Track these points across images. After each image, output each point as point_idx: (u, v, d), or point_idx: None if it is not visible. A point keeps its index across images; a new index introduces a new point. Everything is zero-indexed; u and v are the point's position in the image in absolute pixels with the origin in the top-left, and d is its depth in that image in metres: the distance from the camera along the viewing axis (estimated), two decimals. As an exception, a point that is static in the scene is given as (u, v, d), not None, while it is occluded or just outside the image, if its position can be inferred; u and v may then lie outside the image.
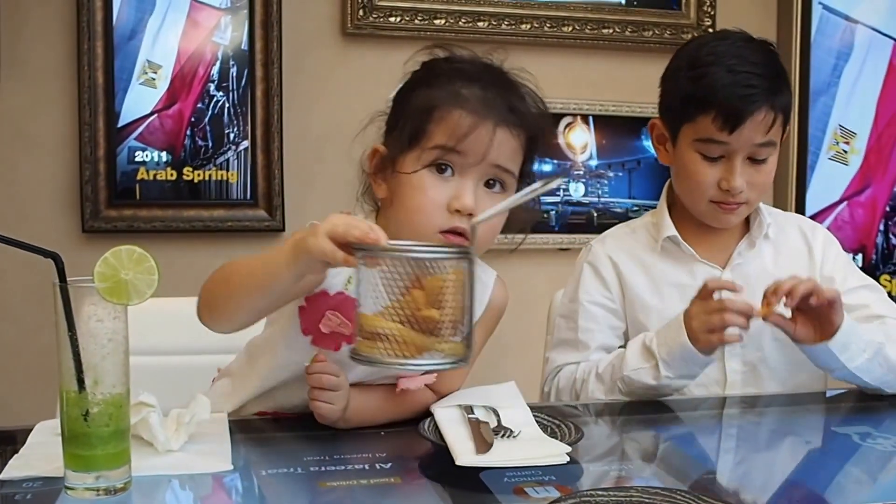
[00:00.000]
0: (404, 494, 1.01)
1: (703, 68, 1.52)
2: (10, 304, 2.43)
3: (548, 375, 1.68)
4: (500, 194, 1.26)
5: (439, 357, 0.97)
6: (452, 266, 0.97)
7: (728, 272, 1.62)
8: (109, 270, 0.95)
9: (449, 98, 1.24)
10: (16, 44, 2.40)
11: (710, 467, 1.22)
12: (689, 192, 1.60)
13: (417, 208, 1.24)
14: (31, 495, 0.97)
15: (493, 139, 1.22)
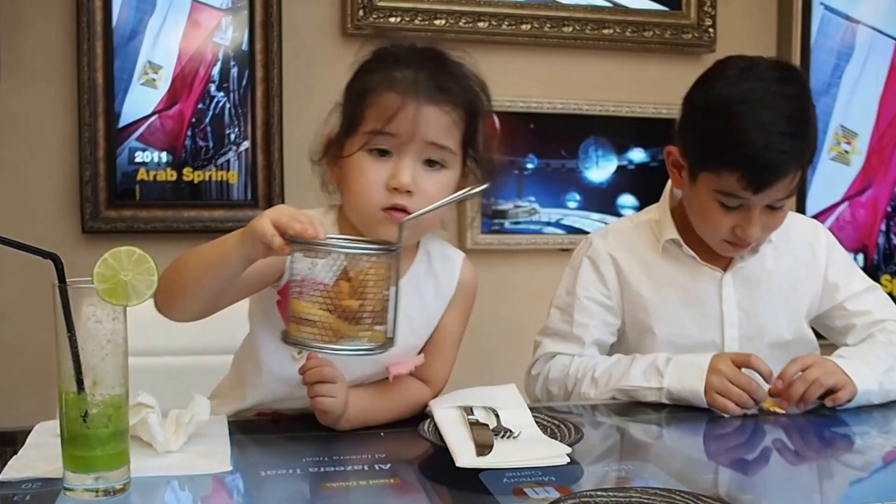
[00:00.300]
0: (403, 495, 1.01)
1: (735, 121, 1.43)
2: (9, 305, 2.42)
3: (537, 358, 1.68)
4: (441, 171, 1.30)
5: (361, 343, 1.05)
6: (375, 261, 1.05)
7: (729, 275, 1.62)
8: (109, 271, 0.94)
9: (381, 82, 1.29)
10: (16, 44, 2.40)
11: (709, 468, 1.21)
12: (702, 229, 1.57)
13: (360, 190, 1.29)
14: (30, 496, 0.98)
15: (419, 117, 1.26)
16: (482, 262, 2.71)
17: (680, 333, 1.61)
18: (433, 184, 1.29)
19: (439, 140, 1.28)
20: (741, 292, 1.62)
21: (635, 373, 1.51)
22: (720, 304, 1.61)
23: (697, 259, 1.62)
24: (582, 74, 2.73)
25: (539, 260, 2.74)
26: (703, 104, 1.52)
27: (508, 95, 2.63)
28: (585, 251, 1.69)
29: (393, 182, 1.27)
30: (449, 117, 1.29)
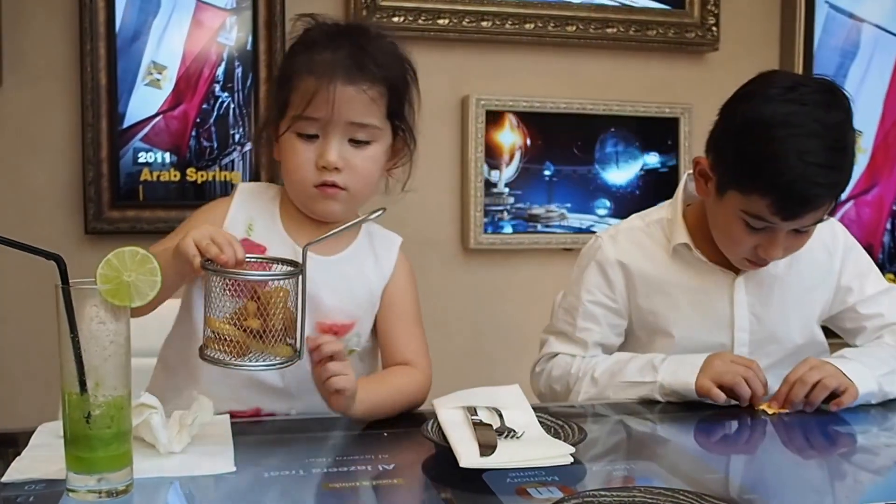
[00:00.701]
0: (407, 496, 1.01)
1: (772, 145, 1.38)
2: (10, 306, 2.43)
3: (541, 356, 1.70)
4: (368, 146, 1.37)
5: (270, 359, 1.14)
6: (281, 284, 1.14)
7: (741, 278, 1.61)
8: (112, 272, 0.94)
9: (301, 66, 1.35)
10: (19, 45, 2.40)
11: (713, 467, 1.21)
12: (723, 244, 1.55)
13: (292, 169, 1.37)
14: (33, 498, 0.98)
15: (336, 99, 1.31)
16: (484, 261, 2.72)
17: (689, 336, 1.60)
18: (360, 159, 1.36)
19: (360, 119, 1.34)
20: (753, 295, 1.61)
21: (631, 369, 1.52)
22: (731, 308, 1.60)
23: (708, 263, 1.60)
24: (585, 73, 2.72)
25: (542, 259, 2.74)
26: (741, 121, 1.45)
27: (511, 95, 2.63)
28: (594, 254, 1.67)
29: (321, 161, 1.34)
30: (367, 95, 1.33)
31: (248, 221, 1.41)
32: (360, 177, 1.37)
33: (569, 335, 1.66)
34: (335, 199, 1.37)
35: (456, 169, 2.67)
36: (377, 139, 1.38)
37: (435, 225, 2.67)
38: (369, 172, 1.39)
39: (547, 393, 1.66)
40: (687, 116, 2.72)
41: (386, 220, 2.57)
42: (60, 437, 1.09)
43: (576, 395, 1.58)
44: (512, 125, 2.64)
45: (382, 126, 1.37)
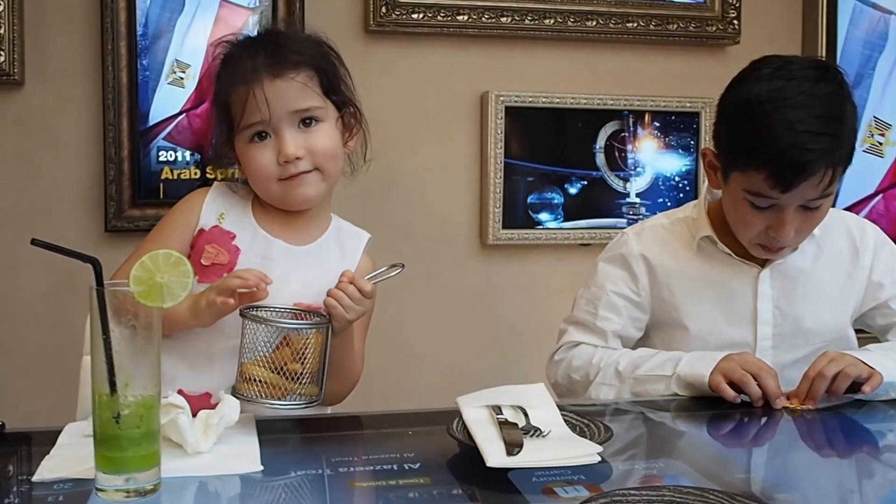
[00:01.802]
0: (434, 495, 1.01)
1: (762, 120, 1.42)
2: (27, 305, 2.44)
3: (561, 345, 1.69)
4: (318, 126, 1.42)
5: (299, 399, 1.25)
6: (313, 332, 1.26)
7: (767, 272, 1.60)
8: (145, 274, 0.95)
9: (230, 81, 1.42)
10: (40, 44, 2.42)
11: (741, 466, 1.21)
12: (737, 230, 1.56)
13: (256, 175, 1.43)
14: (62, 497, 0.98)
15: (270, 95, 1.37)
16: (503, 257, 2.72)
17: (711, 331, 1.60)
18: (316, 140, 1.41)
19: (299, 104, 1.40)
20: (778, 289, 1.60)
21: (654, 362, 1.52)
22: (754, 301, 1.60)
23: (733, 256, 1.60)
24: (605, 68, 2.71)
25: (560, 255, 2.73)
26: (733, 104, 1.51)
27: (531, 91, 2.62)
28: (619, 248, 1.69)
29: (281, 158, 1.40)
30: (296, 81, 1.39)
31: (219, 211, 1.47)
32: (322, 154, 1.42)
33: (589, 325, 1.66)
34: (306, 183, 1.43)
35: (475, 165, 2.67)
36: (324, 117, 1.43)
37: (453, 221, 2.67)
38: (328, 147, 1.43)
39: (564, 383, 1.65)
40: (708, 111, 2.70)
41: (405, 217, 2.60)
42: (87, 436, 1.10)
43: (597, 386, 1.57)
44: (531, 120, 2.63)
45: (323, 104, 1.43)
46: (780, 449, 1.30)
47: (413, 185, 2.63)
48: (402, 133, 2.61)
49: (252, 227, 1.46)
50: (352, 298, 1.30)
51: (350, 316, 1.31)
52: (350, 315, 1.31)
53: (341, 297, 1.29)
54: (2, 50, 2.34)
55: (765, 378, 1.40)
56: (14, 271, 2.43)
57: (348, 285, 1.30)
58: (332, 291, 1.30)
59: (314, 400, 1.26)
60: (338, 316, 1.30)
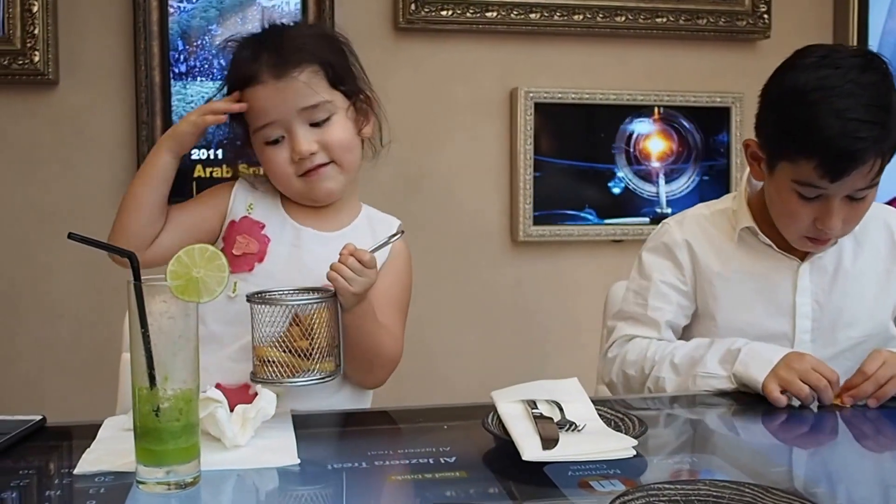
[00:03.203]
0: (470, 488, 1.01)
1: (810, 108, 1.41)
2: (64, 302, 2.47)
3: (613, 341, 1.68)
4: (330, 121, 1.42)
5: (316, 375, 1.25)
6: (319, 307, 1.25)
7: (806, 265, 1.59)
8: (182, 269, 0.96)
9: (239, 84, 1.43)
10: (74, 44, 2.45)
11: (777, 461, 1.20)
12: (783, 224, 1.55)
13: (276, 176, 1.45)
14: (103, 489, 0.99)
15: (278, 97, 1.39)
16: (534, 253, 2.72)
17: (749, 322, 1.59)
18: (329, 134, 1.42)
19: (307, 102, 1.40)
20: (817, 283, 1.59)
21: (712, 359, 1.50)
22: (794, 295, 1.59)
23: (774, 248, 1.60)
24: (635, 64, 2.71)
25: (591, 251, 2.73)
26: (779, 93, 1.50)
27: (560, 87, 2.62)
28: (662, 237, 1.69)
29: (295, 156, 1.41)
30: (302, 77, 1.40)
31: (248, 202, 1.49)
32: (339, 146, 1.43)
33: (639, 317, 1.65)
34: (325, 177, 1.44)
35: (505, 162, 2.67)
36: (334, 111, 1.43)
37: (484, 218, 2.68)
38: (344, 139, 1.44)
39: (618, 381, 1.64)
40: (738, 105, 2.69)
41: (436, 214, 2.61)
42: (126, 430, 1.12)
43: (654, 380, 1.55)
44: (560, 116, 2.63)
45: (331, 97, 1.43)
46: (819, 443, 1.29)
47: (443, 182, 2.64)
48: (432, 130, 2.62)
49: (281, 216, 1.48)
50: (353, 270, 1.28)
51: (354, 288, 1.29)
52: (354, 287, 1.29)
53: (342, 269, 1.28)
54: (37, 50, 2.38)
55: (823, 392, 1.37)
56: (50, 269, 2.46)
57: (348, 257, 1.29)
58: (333, 265, 1.29)
59: (331, 375, 1.25)
60: (341, 289, 1.28)
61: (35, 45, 2.38)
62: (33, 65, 2.38)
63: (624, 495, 0.92)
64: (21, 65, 2.38)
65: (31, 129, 2.45)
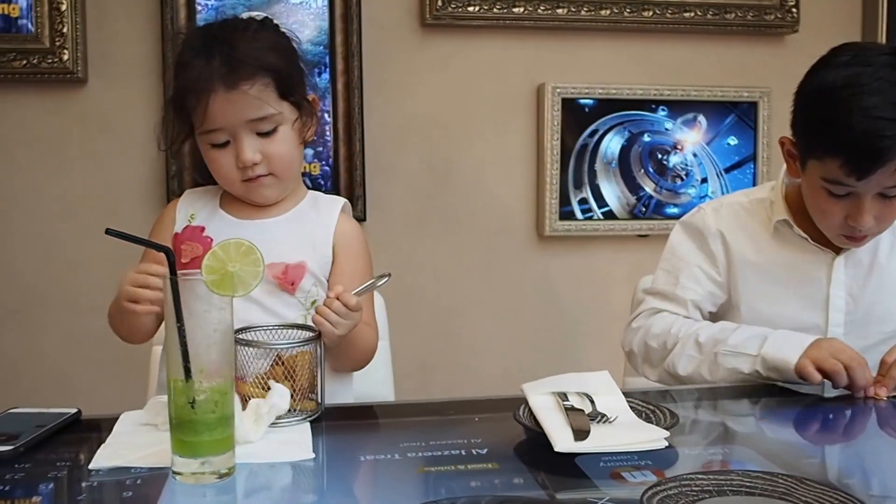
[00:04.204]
0: (503, 479, 1.02)
1: (837, 106, 1.41)
2: (93, 297, 2.49)
3: (640, 312, 1.69)
4: (277, 132, 1.45)
5: (297, 415, 1.22)
6: (301, 349, 1.24)
7: (841, 259, 1.59)
8: (217, 263, 0.97)
9: (185, 85, 1.42)
10: (102, 45, 2.47)
11: (809, 452, 1.20)
12: (818, 221, 1.55)
13: (217, 174, 1.49)
14: (140, 480, 1.01)
15: (227, 107, 1.39)
16: (559, 248, 2.72)
17: (781, 313, 1.59)
18: (273, 146, 1.45)
19: (255, 115, 1.42)
20: (851, 276, 1.59)
21: (737, 338, 1.51)
22: (828, 287, 1.59)
23: (809, 240, 1.59)
24: (662, 59, 2.69)
25: (618, 246, 2.72)
26: (810, 91, 1.49)
27: (587, 82, 2.62)
28: (697, 223, 1.69)
29: (238, 163, 1.44)
30: (253, 91, 1.40)
31: (189, 213, 1.54)
32: (279, 160, 1.46)
33: (669, 294, 1.66)
34: (265, 185, 1.48)
35: (531, 157, 2.67)
36: (282, 122, 1.45)
37: (509, 213, 2.68)
38: (286, 153, 1.47)
39: (639, 352, 1.65)
40: (766, 100, 2.67)
41: (462, 209, 2.61)
42: (143, 425, 1.15)
43: (676, 357, 1.56)
44: (587, 112, 2.63)
45: (280, 109, 1.45)
46: (851, 435, 1.29)
47: (470, 178, 2.64)
48: (459, 126, 2.63)
49: (219, 216, 1.52)
50: (338, 314, 1.29)
51: (339, 331, 1.30)
52: (339, 330, 1.30)
53: (328, 313, 1.29)
54: (66, 48, 2.40)
55: (855, 370, 1.37)
56: (80, 265, 2.49)
57: (334, 301, 1.30)
58: (318, 308, 1.30)
59: (311, 414, 1.24)
60: (327, 332, 1.29)
61: (64, 43, 2.40)
62: (62, 63, 2.40)
63: (657, 486, 0.93)
64: (50, 63, 2.40)
65: (60, 127, 2.48)
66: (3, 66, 2.38)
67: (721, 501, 0.92)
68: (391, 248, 2.57)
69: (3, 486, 0.99)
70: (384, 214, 2.59)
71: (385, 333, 1.77)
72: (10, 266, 2.48)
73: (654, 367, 1.63)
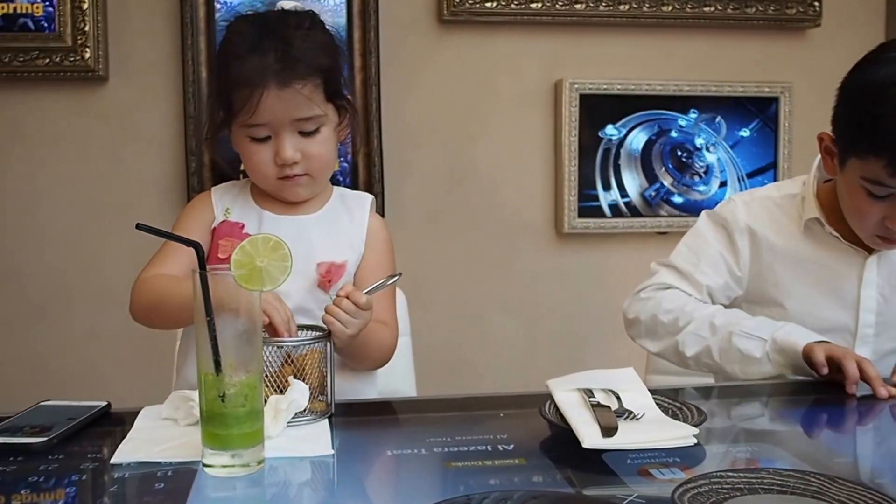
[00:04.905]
0: (530, 475, 1.02)
1: (883, 105, 1.37)
2: (114, 293, 2.50)
3: (650, 284, 1.67)
4: (319, 132, 1.45)
5: (306, 415, 1.20)
6: (311, 348, 1.24)
7: (873, 258, 1.57)
8: (245, 258, 0.97)
9: (235, 77, 1.40)
10: (123, 41, 2.48)
11: (839, 450, 1.19)
12: (853, 221, 1.53)
13: (253, 169, 1.47)
14: (171, 472, 1.01)
15: (276, 105, 1.39)
16: (578, 246, 2.71)
17: (810, 313, 1.57)
18: (314, 146, 1.45)
19: (303, 114, 1.42)
20: (884, 277, 1.57)
21: (752, 324, 1.50)
22: (859, 287, 1.57)
23: (840, 239, 1.57)
24: (681, 54, 2.69)
25: (637, 243, 2.72)
26: (855, 87, 1.46)
27: (605, 78, 2.61)
28: (726, 214, 1.66)
29: (278, 160, 1.43)
30: (305, 91, 1.40)
31: (225, 207, 1.53)
32: (318, 160, 1.46)
33: (686, 273, 1.64)
34: (299, 184, 1.47)
35: (549, 153, 2.66)
36: (324, 123, 1.46)
37: (528, 210, 2.68)
38: (325, 154, 1.47)
39: (646, 321, 1.63)
40: (787, 95, 2.66)
41: (480, 206, 2.61)
42: (163, 419, 1.16)
43: (687, 335, 1.55)
44: (606, 107, 2.62)
45: (325, 111, 1.45)
46: (882, 434, 1.28)
47: (487, 175, 2.64)
48: (477, 122, 2.62)
49: (256, 212, 1.51)
50: (348, 312, 1.28)
51: (350, 330, 1.29)
52: (350, 329, 1.29)
53: (337, 312, 1.28)
54: (87, 47, 2.41)
55: (865, 364, 1.36)
56: (103, 260, 2.51)
57: (343, 300, 1.29)
58: (328, 308, 1.29)
59: (321, 414, 1.22)
60: (337, 332, 1.28)
61: (86, 42, 2.41)
62: (84, 62, 2.42)
63: (687, 483, 0.92)
64: (72, 62, 2.42)
65: (82, 125, 2.49)
66: (27, 64, 2.40)
67: (752, 499, 0.92)
68: (409, 245, 2.57)
69: (38, 476, 1.00)
70: (402, 211, 2.60)
71: (406, 330, 1.77)
72: (35, 262, 2.50)
73: (657, 341, 1.61)
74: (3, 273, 2.50)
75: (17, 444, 1.08)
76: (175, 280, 1.43)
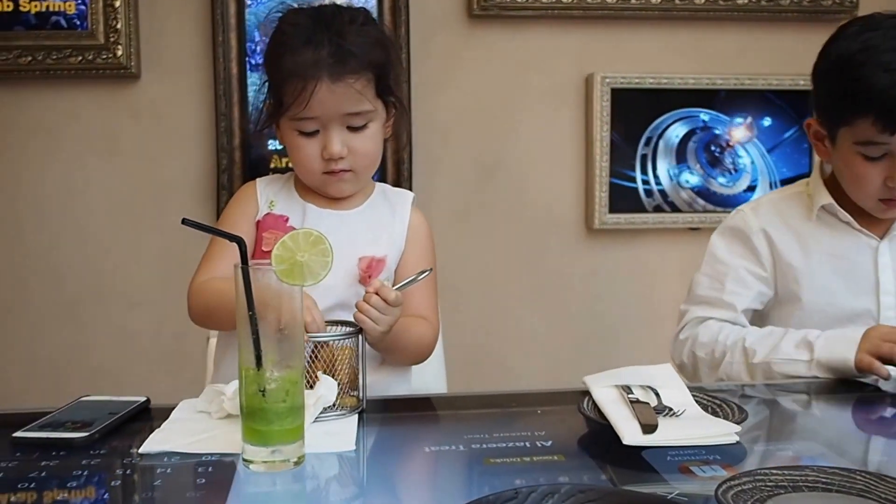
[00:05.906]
0: (569, 472, 1.01)
1: (857, 69, 1.46)
2: (144, 291, 2.53)
3: (685, 324, 1.68)
4: (367, 128, 1.45)
5: (337, 410, 1.20)
6: (342, 344, 1.23)
7: (886, 242, 1.60)
8: (286, 253, 0.98)
9: (288, 68, 1.40)
10: (154, 39, 2.50)
11: (882, 449, 1.17)
12: (855, 192, 1.57)
13: (299, 163, 1.48)
14: (211, 468, 1.01)
15: (328, 98, 1.39)
16: (609, 241, 2.70)
17: (831, 302, 1.59)
18: (361, 141, 1.45)
19: (353, 109, 1.42)
20: None
21: (787, 346, 1.50)
22: (876, 272, 1.59)
23: (853, 225, 1.60)
24: (714, 47, 2.66)
25: (668, 239, 2.70)
26: (827, 65, 1.55)
27: (637, 72, 2.59)
28: (737, 224, 1.68)
29: (325, 154, 1.44)
30: (357, 85, 1.41)
31: (269, 199, 1.52)
32: (364, 157, 1.46)
33: (714, 301, 1.65)
34: (344, 180, 1.48)
35: (580, 149, 2.65)
36: (373, 119, 1.46)
37: (558, 205, 2.67)
38: (371, 150, 1.48)
39: (689, 363, 1.64)
40: (821, 89, 2.63)
41: (510, 201, 2.60)
42: (200, 412, 1.16)
43: (727, 366, 1.55)
44: (639, 101, 2.60)
45: (375, 106, 1.45)
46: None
47: (518, 170, 2.63)
48: (507, 117, 2.62)
49: (300, 205, 1.51)
50: (378, 309, 1.29)
51: (381, 327, 1.29)
52: (381, 326, 1.29)
53: (368, 309, 1.28)
54: (119, 44, 2.43)
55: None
56: (132, 258, 2.53)
57: (372, 296, 1.29)
58: (359, 304, 1.29)
59: (352, 410, 1.22)
60: (368, 329, 1.29)
61: (118, 39, 2.43)
62: (116, 59, 2.43)
63: (730, 480, 0.91)
64: (105, 59, 2.43)
65: (113, 122, 2.51)
66: (60, 62, 2.42)
67: (797, 497, 0.91)
68: (438, 241, 2.53)
69: (81, 471, 1.01)
70: (431, 207, 2.59)
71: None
72: (67, 260, 2.53)
73: (705, 378, 1.62)
74: (42, 271, 2.53)
75: (60, 439, 1.08)
76: (227, 284, 1.42)
